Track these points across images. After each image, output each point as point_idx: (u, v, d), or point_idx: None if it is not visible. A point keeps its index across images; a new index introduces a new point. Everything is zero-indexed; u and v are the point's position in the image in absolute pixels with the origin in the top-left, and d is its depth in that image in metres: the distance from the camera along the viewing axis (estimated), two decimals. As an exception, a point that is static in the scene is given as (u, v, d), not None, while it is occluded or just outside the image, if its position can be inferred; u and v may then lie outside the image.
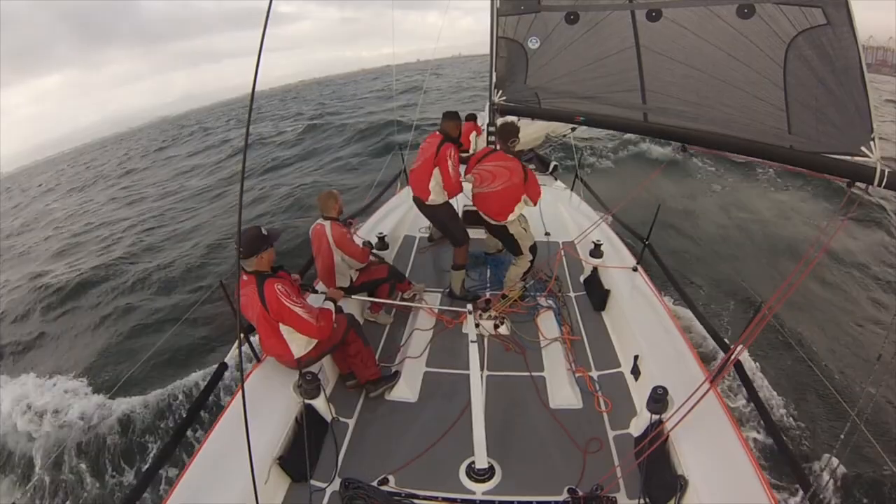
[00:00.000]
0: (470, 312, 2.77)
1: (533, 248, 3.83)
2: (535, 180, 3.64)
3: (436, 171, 3.58)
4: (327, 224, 3.33)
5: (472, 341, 2.51)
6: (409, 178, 3.99)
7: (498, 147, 3.70)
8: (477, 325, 3.45)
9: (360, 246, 3.47)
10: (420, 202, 3.82)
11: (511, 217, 3.64)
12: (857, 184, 2.09)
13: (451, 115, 3.73)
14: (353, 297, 3.54)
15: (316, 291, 3.29)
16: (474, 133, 6.29)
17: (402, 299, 3.87)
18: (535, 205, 3.77)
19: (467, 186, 3.83)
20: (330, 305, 2.87)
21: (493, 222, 3.74)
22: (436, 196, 3.68)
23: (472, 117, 6.42)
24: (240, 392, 2.49)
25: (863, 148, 2.05)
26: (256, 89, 1.37)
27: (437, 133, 3.66)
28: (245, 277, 2.52)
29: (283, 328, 2.56)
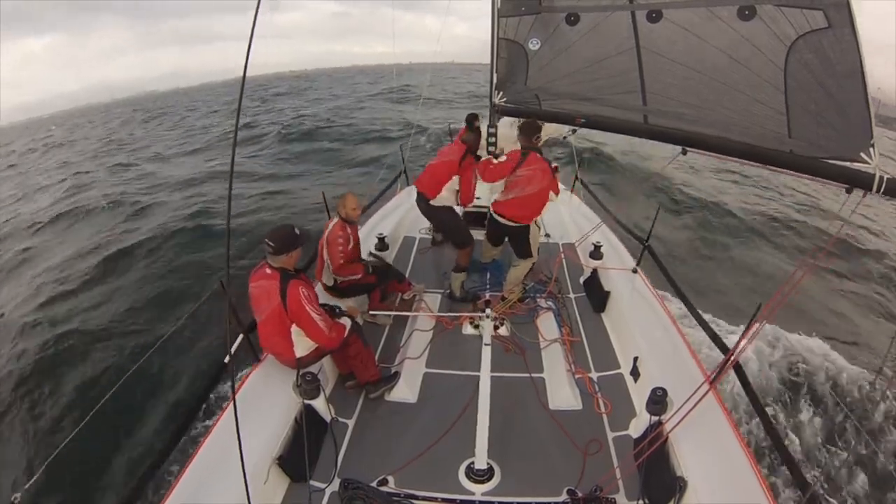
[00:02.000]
0: (488, 317, 2.76)
1: (537, 250, 3.85)
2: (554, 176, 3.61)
3: (455, 178, 3.65)
4: (333, 221, 3.36)
5: (485, 344, 2.50)
6: (422, 176, 3.84)
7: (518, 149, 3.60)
8: (476, 326, 3.46)
9: (342, 254, 3.35)
10: (424, 200, 3.77)
11: (537, 217, 3.65)
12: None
13: (474, 129, 3.89)
14: (359, 303, 3.53)
15: (338, 307, 3.14)
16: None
17: (402, 300, 3.87)
18: (557, 196, 3.70)
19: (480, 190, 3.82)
20: (347, 322, 2.87)
21: (514, 224, 3.65)
22: (442, 199, 3.72)
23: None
24: (238, 392, 2.49)
25: (862, 154, 2.05)
26: (240, 76, 1.32)
27: (462, 142, 3.75)
28: (269, 271, 2.53)
29: (294, 328, 2.58)
